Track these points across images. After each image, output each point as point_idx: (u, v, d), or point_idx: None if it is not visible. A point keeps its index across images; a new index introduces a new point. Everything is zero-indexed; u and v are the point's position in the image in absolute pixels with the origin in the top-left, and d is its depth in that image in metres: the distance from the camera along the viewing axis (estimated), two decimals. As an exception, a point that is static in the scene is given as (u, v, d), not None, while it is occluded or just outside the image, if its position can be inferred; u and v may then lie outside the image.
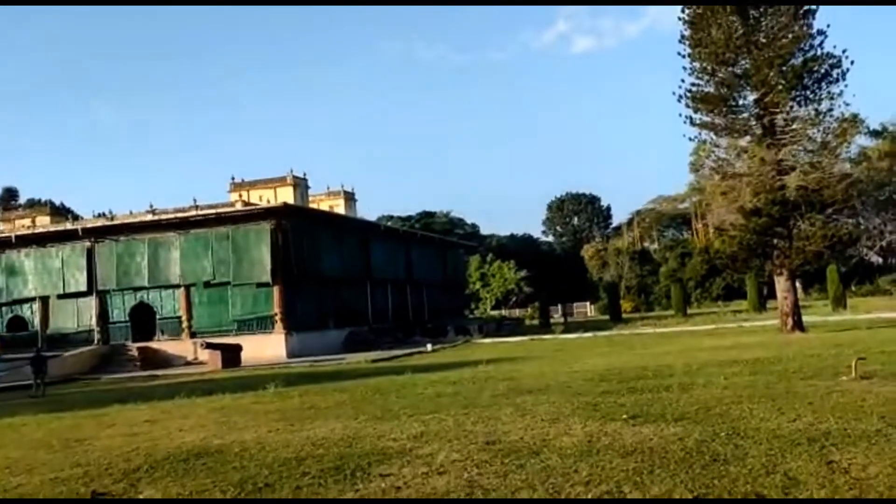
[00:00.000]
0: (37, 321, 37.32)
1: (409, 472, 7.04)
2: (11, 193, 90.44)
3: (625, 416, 9.39)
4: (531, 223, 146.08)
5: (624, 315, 58.20)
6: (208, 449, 9.36)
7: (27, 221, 54.42)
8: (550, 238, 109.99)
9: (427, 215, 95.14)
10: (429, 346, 32.63)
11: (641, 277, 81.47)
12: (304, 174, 60.60)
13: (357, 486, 6.65)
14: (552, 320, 55.21)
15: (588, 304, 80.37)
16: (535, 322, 57.10)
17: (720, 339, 25.55)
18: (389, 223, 66.99)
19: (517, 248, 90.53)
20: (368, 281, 41.72)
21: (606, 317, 59.52)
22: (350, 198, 69.48)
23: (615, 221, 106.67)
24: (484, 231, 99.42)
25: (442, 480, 6.66)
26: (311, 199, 62.18)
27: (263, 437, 9.93)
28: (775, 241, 26.47)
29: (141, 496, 7.01)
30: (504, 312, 75.04)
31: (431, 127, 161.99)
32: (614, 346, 27.08)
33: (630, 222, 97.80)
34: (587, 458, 7.12)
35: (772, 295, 40.30)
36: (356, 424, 10.55)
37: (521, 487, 6.25)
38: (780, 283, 27.03)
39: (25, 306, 37.74)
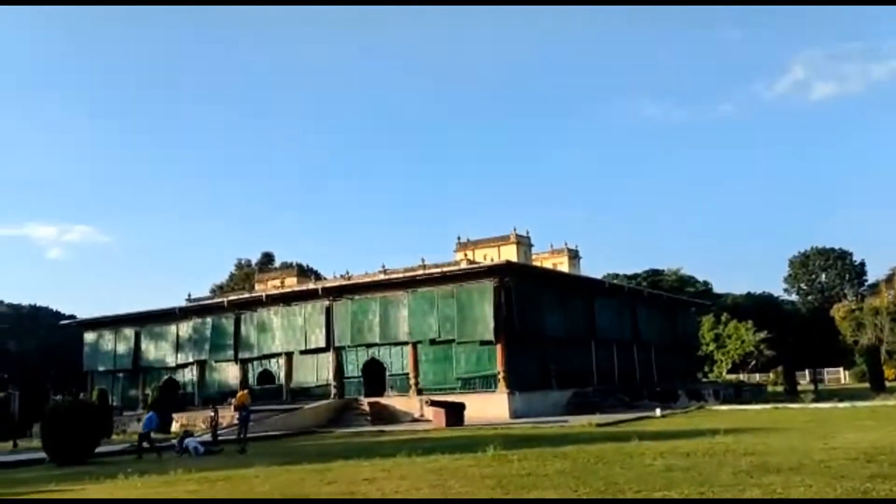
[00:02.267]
0: (282, 375, 40.10)
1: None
2: (268, 257, 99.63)
3: (908, 511, 7.61)
4: (770, 281, 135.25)
5: (887, 383, 51.18)
6: (419, 515, 8.90)
7: (277, 282, 59.55)
8: (793, 297, 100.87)
9: (654, 273, 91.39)
10: (658, 412, 30.50)
11: (907, 341, 71.68)
12: (528, 232, 60.86)
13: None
14: (799, 387, 49.87)
15: (841, 370, 72.08)
16: (779, 388, 51.88)
17: None
18: (615, 281, 64.96)
19: (755, 308, 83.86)
20: (593, 340, 40.34)
21: (865, 385, 52.71)
22: (574, 255, 68.55)
23: (871, 278, 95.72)
24: (717, 289, 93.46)
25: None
26: (534, 257, 62.12)
27: (476, 507, 9.30)
28: None
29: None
30: (742, 377, 69.36)
31: (658, 183, 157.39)
32: (879, 419, 23.42)
33: (889, 279, 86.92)
34: (864, 565, 5.67)
35: None
36: (576, 498, 9.59)
37: None
38: None
39: (273, 361, 40.72)
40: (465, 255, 55.01)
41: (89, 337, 46.99)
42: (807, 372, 60.76)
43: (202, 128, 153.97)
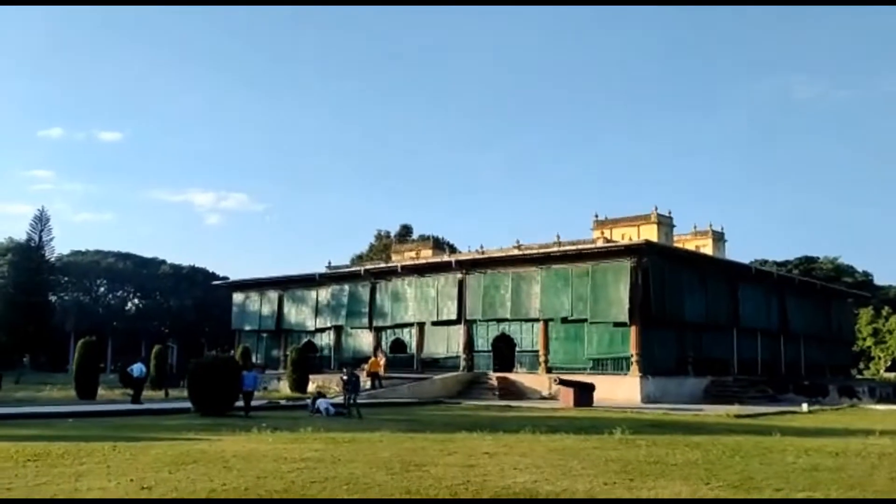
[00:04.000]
0: (414, 345, 40.75)
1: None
2: (407, 229, 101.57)
3: None
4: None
5: None
6: (536, 494, 8.59)
7: (412, 254, 60.53)
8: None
9: (808, 260, 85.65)
10: (804, 406, 28.54)
11: None
12: (670, 212, 58.32)
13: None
14: (971, 391, 45.26)
15: None
16: (947, 391, 47.34)
17: None
18: (763, 267, 61.39)
19: (922, 301, 76.91)
20: (735, 328, 38.26)
21: None
22: (719, 238, 65.11)
23: None
24: (879, 281, 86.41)
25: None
26: (675, 238, 59.57)
27: (596, 491, 8.87)
28: None
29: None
30: (903, 376, 63.98)
31: (814, 167, 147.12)
32: None
33: None
34: None
35: None
36: (706, 491, 8.96)
37: None
38: None
39: (405, 330, 41.41)
40: (603, 233, 53.51)
41: (238, 298, 49.63)
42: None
43: (347, 103, 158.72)
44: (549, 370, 34.43)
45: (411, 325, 40.68)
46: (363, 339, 42.79)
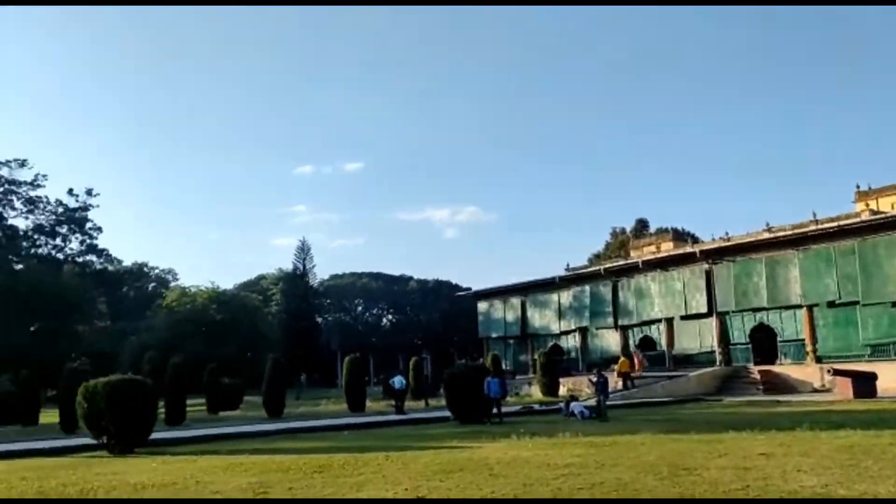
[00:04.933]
0: (663, 341, 39.38)
1: None
2: (642, 224, 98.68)
3: None
4: None
5: None
6: (830, 496, 7.75)
7: (652, 248, 58.50)
8: None
9: None
10: None
11: None
12: (949, 173, 51.06)
13: None
14: None
15: None
16: None
17: None
18: None
19: None
20: None
21: None
22: None
23: None
24: None
25: None
26: (960, 200, 52.05)
27: (903, 495, 7.82)
28: None
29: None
30: None
31: None
32: None
33: None
34: None
35: None
36: None
37: None
38: None
39: (653, 327, 40.21)
40: (868, 205, 48.06)
41: (482, 306, 51.15)
42: None
43: (563, 104, 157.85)
44: (818, 360, 31.70)
45: (658, 321, 39.45)
46: (609, 339, 42.18)
